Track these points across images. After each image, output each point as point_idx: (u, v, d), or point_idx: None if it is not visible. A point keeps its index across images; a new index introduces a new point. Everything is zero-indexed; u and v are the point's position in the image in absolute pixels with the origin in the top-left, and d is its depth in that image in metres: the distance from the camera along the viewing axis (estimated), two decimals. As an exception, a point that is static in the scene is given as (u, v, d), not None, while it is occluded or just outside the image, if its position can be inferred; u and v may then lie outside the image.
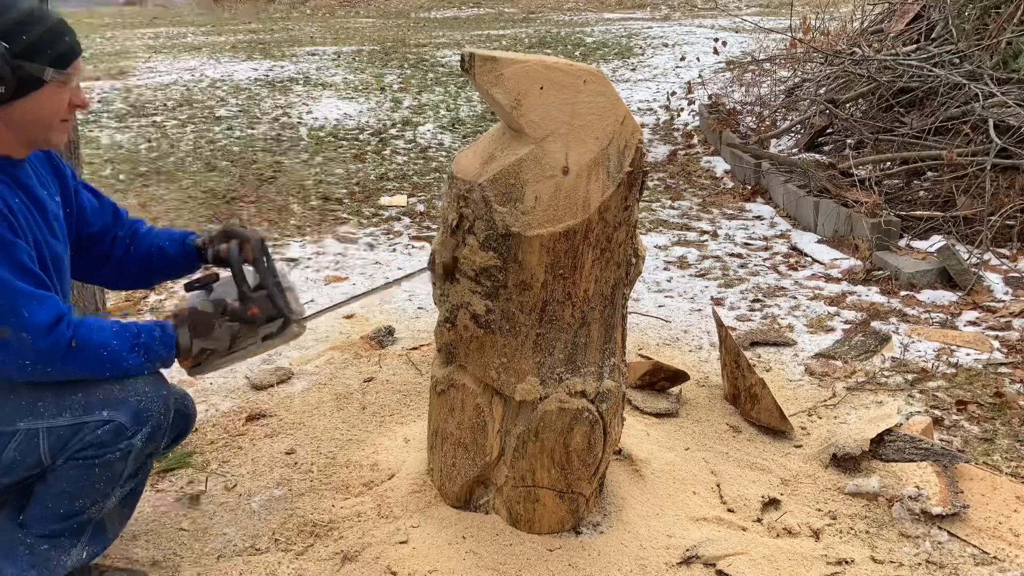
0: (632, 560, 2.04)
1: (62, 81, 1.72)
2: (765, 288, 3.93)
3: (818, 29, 7.48)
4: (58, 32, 1.71)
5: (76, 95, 1.78)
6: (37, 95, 1.70)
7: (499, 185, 1.81)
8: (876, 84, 5.45)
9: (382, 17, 16.74)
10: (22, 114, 1.71)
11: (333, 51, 11.25)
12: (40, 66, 1.68)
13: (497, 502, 2.14)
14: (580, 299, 1.92)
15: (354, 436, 2.63)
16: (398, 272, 4.13)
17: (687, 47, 10.71)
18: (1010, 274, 3.92)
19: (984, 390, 2.93)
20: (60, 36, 1.71)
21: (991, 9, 5.07)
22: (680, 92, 8.20)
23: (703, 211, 5.15)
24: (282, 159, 6.24)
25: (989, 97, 4.53)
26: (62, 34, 1.72)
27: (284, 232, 4.70)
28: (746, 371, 2.71)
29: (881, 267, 4.03)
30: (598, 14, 16.01)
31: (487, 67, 1.76)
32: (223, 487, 2.36)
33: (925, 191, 4.77)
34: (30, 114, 1.72)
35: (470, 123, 7.47)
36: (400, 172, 5.97)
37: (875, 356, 3.21)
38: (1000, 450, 2.58)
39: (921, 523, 2.22)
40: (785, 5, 13.33)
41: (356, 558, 2.04)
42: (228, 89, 8.74)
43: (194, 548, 2.11)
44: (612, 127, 1.83)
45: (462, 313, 1.93)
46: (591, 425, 2.01)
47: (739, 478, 2.42)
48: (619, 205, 1.87)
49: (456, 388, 2.07)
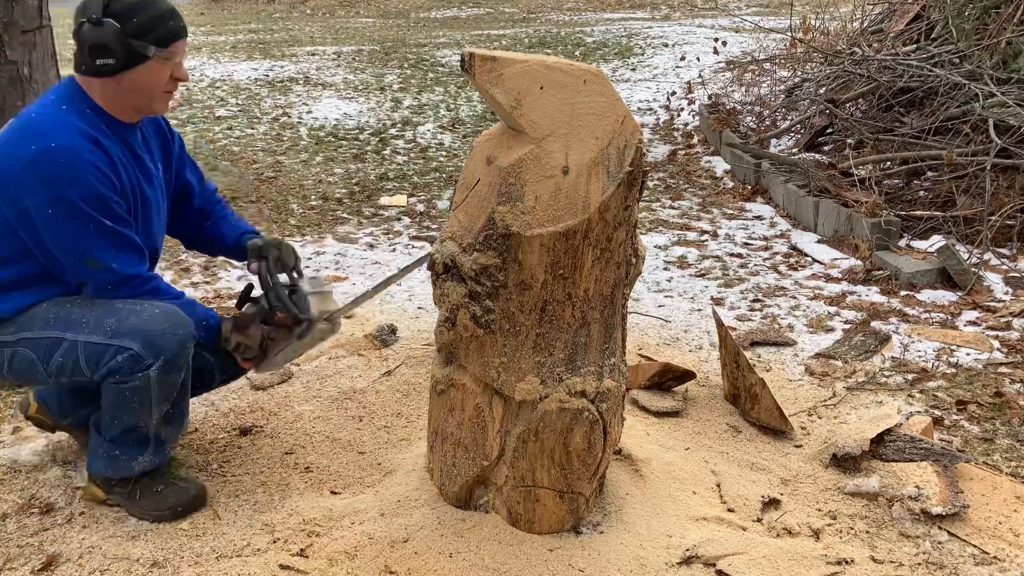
0: (632, 560, 2.04)
1: (165, 58, 2.05)
2: (765, 288, 3.93)
3: (818, 29, 7.48)
4: (164, 16, 2.04)
5: (178, 70, 2.11)
6: (142, 68, 2.04)
7: (500, 185, 1.81)
8: (876, 84, 5.45)
9: (382, 17, 16.74)
10: (130, 83, 2.05)
11: (333, 51, 11.26)
12: (145, 43, 2.02)
13: (497, 502, 2.14)
14: (580, 299, 1.92)
15: (354, 436, 2.63)
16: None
17: (687, 47, 10.70)
18: (1010, 274, 3.92)
19: (984, 390, 2.93)
20: (165, 20, 2.04)
21: (991, 9, 5.07)
22: (680, 92, 8.20)
23: (703, 211, 5.15)
24: (282, 159, 6.24)
25: (989, 97, 4.53)
26: (166, 18, 2.05)
27: (284, 232, 4.70)
28: (746, 371, 2.71)
29: (881, 267, 4.03)
30: (598, 14, 16.01)
31: (487, 67, 1.76)
32: (223, 487, 2.36)
33: (925, 191, 4.77)
34: (136, 83, 2.06)
35: (470, 123, 7.47)
36: (400, 172, 5.97)
37: (875, 356, 3.21)
38: (1000, 450, 2.58)
39: (921, 523, 2.22)
40: (785, 5, 13.33)
41: (356, 557, 2.04)
42: (228, 89, 8.74)
43: (194, 548, 2.11)
44: (612, 127, 1.83)
45: (462, 313, 1.93)
46: (591, 425, 2.01)
47: (739, 478, 2.42)
48: (619, 205, 1.87)
49: (456, 388, 2.07)
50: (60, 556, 2.08)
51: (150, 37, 2.02)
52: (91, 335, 2.03)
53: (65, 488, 2.35)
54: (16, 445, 2.56)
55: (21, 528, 2.19)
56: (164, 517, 2.19)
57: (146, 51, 2.02)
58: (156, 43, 2.03)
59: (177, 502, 2.20)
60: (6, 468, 2.45)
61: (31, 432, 2.63)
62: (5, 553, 2.09)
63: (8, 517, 2.23)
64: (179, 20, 2.09)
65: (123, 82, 2.05)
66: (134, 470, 2.17)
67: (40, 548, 2.11)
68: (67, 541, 2.14)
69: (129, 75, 2.04)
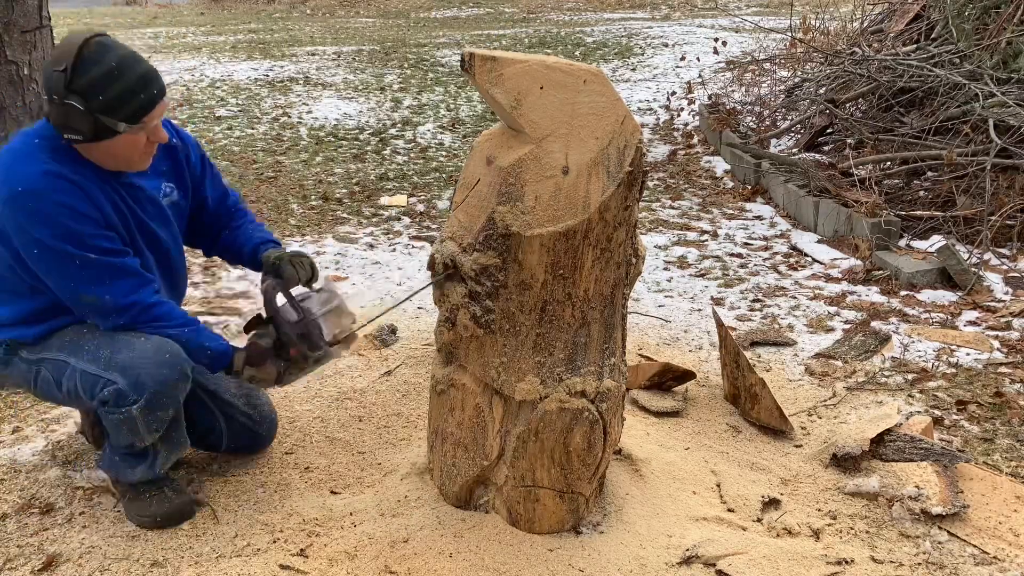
0: (632, 560, 2.04)
1: (138, 128, 1.95)
2: (765, 288, 3.93)
3: (818, 29, 7.48)
4: (133, 91, 1.91)
5: (154, 133, 2.01)
6: (113, 141, 1.95)
7: (500, 184, 1.81)
8: (876, 84, 5.45)
9: (382, 17, 16.74)
10: (102, 152, 1.98)
11: (333, 51, 11.25)
12: (114, 120, 1.91)
13: (497, 502, 2.14)
14: (580, 299, 1.92)
15: (354, 436, 2.63)
16: (398, 272, 4.13)
17: (687, 47, 10.70)
18: (1010, 274, 3.92)
19: (984, 390, 2.93)
20: (135, 94, 1.91)
21: (991, 9, 5.07)
22: (680, 92, 8.19)
23: (703, 211, 5.15)
24: (282, 159, 6.24)
25: (989, 97, 4.53)
26: (136, 92, 1.91)
27: (284, 232, 4.70)
28: (746, 371, 2.71)
29: (881, 267, 4.03)
30: (598, 14, 16.01)
31: (487, 67, 1.76)
32: (223, 487, 2.36)
33: (925, 191, 4.77)
34: (109, 152, 1.98)
35: (470, 123, 7.47)
36: (400, 172, 5.97)
37: (875, 356, 3.21)
38: (1000, 450, 2.58)
39: (921, 523, 2.22)
40: (785, 5, 13.33)
41: (356, 557, 2.04)
42: (228, 89, 8.74)
43: (194, 548, 2.11)
44: (612, 127, 1.83)
45: (462, 313, 1.93)
46: (591, 425, 2.01)
47: (739, 478, 2.42)
48: (619, 205, 1.87)
49: (456, 388, 2.07)
50: (60, 556, 2.08)
51: (119, 114, 1.91)
52: (88, 364, 2.04)
53: (65, 488, 2.35)
54: (16, 445, 2.56)
55: (21, 528, 2.19)
56: (145, 524, 2.18)
57: (116, 127, 1.92)
58: (126, 120, 1.92)
59: (158, 512, 2.18)
60: (6, 468, 2.45)
61: (31, 432, 2.63)
62: (5, 553, 2.09)
63: (8, 517, 2.23)
64: (152, 87, 1.95)
65: (95, 151, 1.98)
66: (133, 477, 2.18)
67: (40, 548, 2.11)
68: (67, 541, 2.14)
69: (99, 146, 1.96)
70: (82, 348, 2.06)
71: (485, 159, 1.89)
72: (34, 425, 2.68)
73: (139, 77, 1.92)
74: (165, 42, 12.35)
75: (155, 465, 2.18)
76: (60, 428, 2.66)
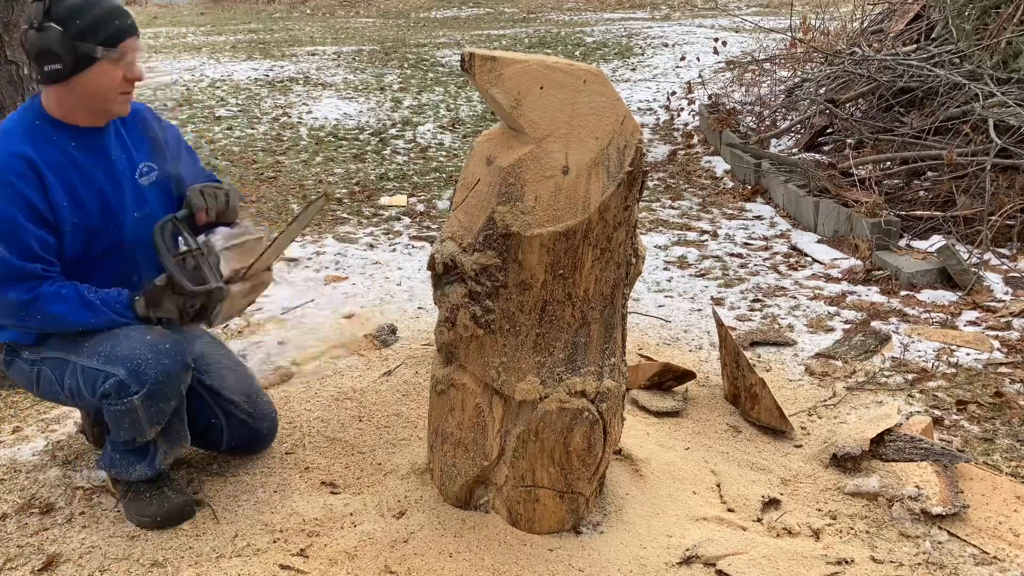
0: (632, 560, 2.04)
1: (115, 58, 1.99)
2: (765, 288, 3.93)
3: (818, 29, 7.48)
4: (110, 15, 1.99)
5: (131, 70, 2.04)
6: (93, 70, 1.99)
7: (500, 184, 1.81)
8: (876, 84, 5.45)
9: (382, 17, 16.74)
10: (81, 88, 2.01)
11: (333, 51, 11.26)
12: (92, 45, 1.96)
13: (497, 502, 2.14)
14: (580, 299, 1.92)
15: (354, 436, 2.63)
16: (398, 272, 4.13)
17: (687, 47, 10.70)
18: (1010, 274, 3.92)
19: (984, 390, 2.93)
20: (111, 19, 1.99)
21: (991, 9, 5.07)
22: (680, 92, 8.19)
23: (703, 211, 5.15)
24: (282, 159, 6.24)
25: (989, 97, 4.53)
26: (112, 17, 1.99)
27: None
28: (746, 371, 2.71)
29: (881, 267, 4.03)
30: (598, 14, 16.01)
31: (487, 67, 1.76)
32: (223, 487, 2.36)
33: (925, 191, 4.77)
34: (88, 87, 2.01)
35: (470, 123, 7.47)
36: (400, 172, 5.97)
37: (875, 356, 3.20)
38: (1000, 450, 2.58)
39: (921, 523, 2.22)
40: (785, 5, 13.33)
41: (356, 557, 2.04)
42: (228, 89, 8.75)
43: (194, 548, 2.11)
44: (612, 127, 1.83)
45: (462, 313, 1.93)
46: (591, 425, 2.01)
47: (739, 478, 2.42)
48: (619, 205, 1.87)
49: (456, 388, 2.07)
50: (60, 556, 2.08)
51: (97, 37, 1.97)
52: (89, 359, 2.06)
53: (65, 488, 2.35)
54: (16, 445, 2.57)
55: (21, 528, 2.19)
56: (145, 524, 2.19)
57: (94, 53, 1.97)
58: (104, 43, 1.98)
59: (158, 512, 2.18)
60: (6, 468, 2.45)
61: (31, 432, 2.63)
62: (5, 553, 2.09)
63: (8, 517, 2.23)
64: (126, 18, 2.03)
65: (75, 88, 2.01)
66: (132, 475, 2.19)
67: (40, 548, 2.11)
68: (67, 541, 2.14)
69: (79, 79, 1.99)
70: (82, 345, 2.08)
71: (485, 159, 1.89)
72: (34, 425, 2.69)
73: (114, 6, 2.02)
74: (165, 42, 12.35)
75: (155, 462, 2.19)
76: (60, 428, 2.66)
